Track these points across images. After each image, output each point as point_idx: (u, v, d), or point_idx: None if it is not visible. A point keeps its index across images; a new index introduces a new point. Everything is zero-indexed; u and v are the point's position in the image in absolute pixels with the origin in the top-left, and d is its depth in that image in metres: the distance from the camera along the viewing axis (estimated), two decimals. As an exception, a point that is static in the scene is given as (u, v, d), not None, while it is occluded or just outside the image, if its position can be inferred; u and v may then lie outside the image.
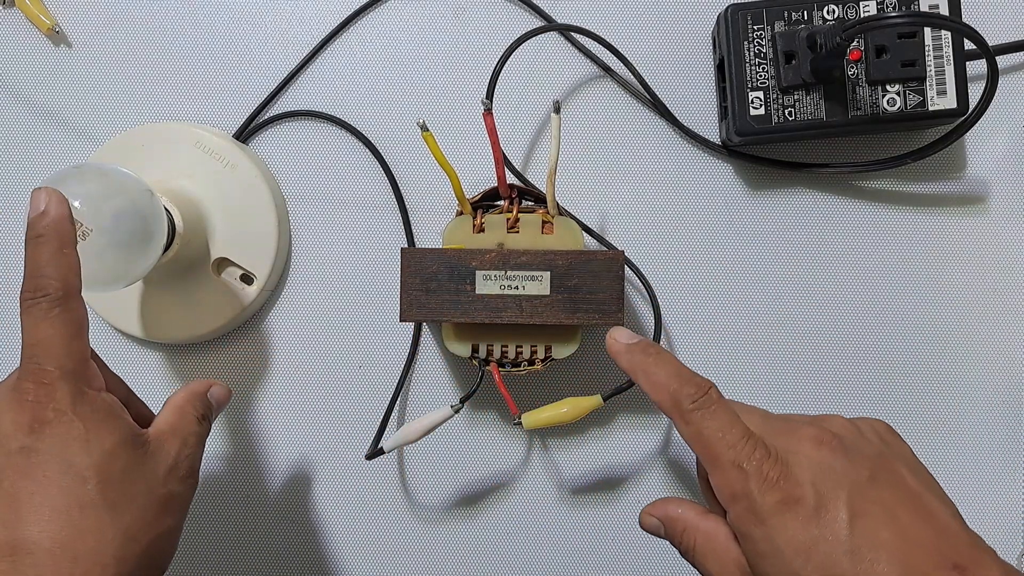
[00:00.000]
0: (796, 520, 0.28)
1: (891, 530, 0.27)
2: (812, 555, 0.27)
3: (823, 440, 0.29)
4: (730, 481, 0.29)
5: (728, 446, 0.30)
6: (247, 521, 0.44)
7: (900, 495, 0.28)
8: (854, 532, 0.27)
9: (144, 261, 0.35)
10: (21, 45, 0.45)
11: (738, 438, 0.30)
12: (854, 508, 0.28)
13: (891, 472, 0.29)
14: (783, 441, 0.29)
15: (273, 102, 0.44)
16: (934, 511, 0.28)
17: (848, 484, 0.28)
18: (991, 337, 0.42)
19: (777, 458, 0.29)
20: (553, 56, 0.44)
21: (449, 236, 0.38)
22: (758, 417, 0.31)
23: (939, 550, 0.27)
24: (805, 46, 0.39)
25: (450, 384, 0.43)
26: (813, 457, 0.29)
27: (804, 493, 0.28)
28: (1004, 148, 0.43)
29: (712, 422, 0.30)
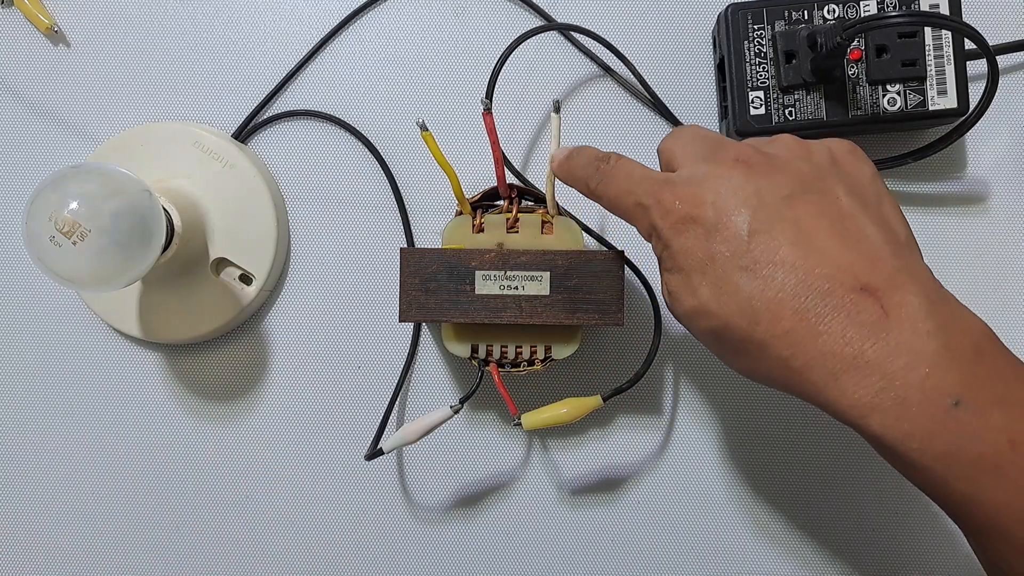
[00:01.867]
0: (693, 237, 0.27)
1: (797, 247, 0.26)
2: (707, 270, 0.27)
3: (741, 159, 0.28)
4: (640, 222, 0.29)
5: (630, 193, 0.30)
6: (247, 521, 0.43)
7: (823, 215, 0.27)
8: (752, 247, 0.26)
9: (143, 261, 0.34)
10: (20, 45, 0.44)
11: (637, 183, 0.30)
12: (757, 224, 0.26)
13: (821, 191, 0.28)
14: (703, 167, 0.28)
15: (272, 102, 0.44)
16: (862, 233, 0.27)
17: (756, 201, 0.27)
18: (991, 337, 0.42)
19: (682, 183, 0.28)
20: (553, 56, 0.44)
21: (448, 236, 0.38)
22: (696, 145, 0.30)
23: (850, 270, 0.26)
24: (805, 46, 0.39)
25: (449, 384, 0.43)
26: (723, 177, 0.28)
27: (703, 211, 0.27)
28: (1004, 148, 0.43)
29: (614, 182, 0.30)
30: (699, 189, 0.28)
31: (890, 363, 0.25)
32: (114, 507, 0.44)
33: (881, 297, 0.25)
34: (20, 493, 0.44)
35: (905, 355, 0.25)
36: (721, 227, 0.27)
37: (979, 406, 0.24)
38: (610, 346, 0.43)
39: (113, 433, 0.44)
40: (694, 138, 0.30)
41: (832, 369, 0.25)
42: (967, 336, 0.26)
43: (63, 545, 0.44)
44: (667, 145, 0.31)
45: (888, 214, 0.28)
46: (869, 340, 0.25)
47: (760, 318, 0.26)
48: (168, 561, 0.44)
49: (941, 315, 0.25)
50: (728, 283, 0.26)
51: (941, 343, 0.25)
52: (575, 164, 0.33)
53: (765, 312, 0.26)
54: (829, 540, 0.42)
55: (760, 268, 0.26)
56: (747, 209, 0.27)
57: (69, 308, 0.44)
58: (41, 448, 0.44)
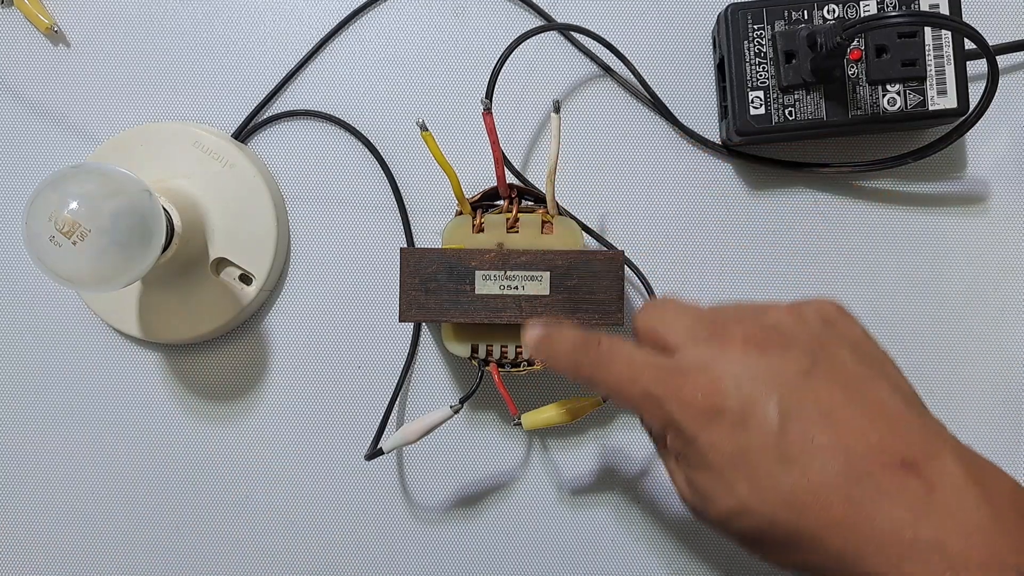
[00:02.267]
0: (722, 431, 0.25)
1: (828, 429, 0.25)
2: (742, 465, 0.25)
3: (751, 338, 0.26)
4: (651, 413, 0.27)
5: (633, 382, 0.27)
6: (247, 521, 0.43)
7: (839, 387, 0.26)
8: (785, 436, 0.25)
9: (143, 261, 0.34)
10: (19, 44, 0.44)
11: (640, 370, 0.27)
12: (785, 409, 0.25)
13: (830, 360, 0.26)
14: (708, 350, 0.27)
15: (272, 102, 0.44)
16: (880, 400, 0.26)
17: (778, 383, 0.25)
18: (991, 337, 0.42)
19: (696, 371, 0.26)
20: (553, 56, 0.44)
21: (448, 236, 0.38)
22: (687, 322, 0.28)
23: (885, 445, 0.25)
24: (805, 46, 0.39)
25: (449, 384, 0.43)
26: (739, 361, 0.26)
27: (728, 401, 0.25)
28: (1004, 148, 0.43)
29: (611, 369, 0.28)
30: (716, 377, 0.26)
31: (948, 542, 0.24)
32: (114, 507, 0.44)
33: (922, 471, 0.24)
34: (20, 493, 0.44)
35: (960, 532, 0.24)
36: (749, 416, 0.25)
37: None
38: (610, 346, 0.43)
39: (113, 433, 0.44)
40: (682, 315, 0.29)
41: (891, 557, 0.24)
42: (1007, 498, 0.25)
43: (63, 545, 0.44)
44: (650, 324, 0.29)
45: (892, 372, 0.28)
46: (922, 520, 0.24)
47: (807, 510, 0.25)
48: (168, 561, 0.44)
49: (979, 479, 0.25)
50: (768, 477, 0.25)
51: (989, 513, 0.24)
52: (558, 349, 0.30)
53: (812, 503, 0.24)
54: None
55: (799, 456, 0.25)
56: (773, 394, 0.25)
57: (69, 308, 0.44)
58: (41, 448, 0.44)
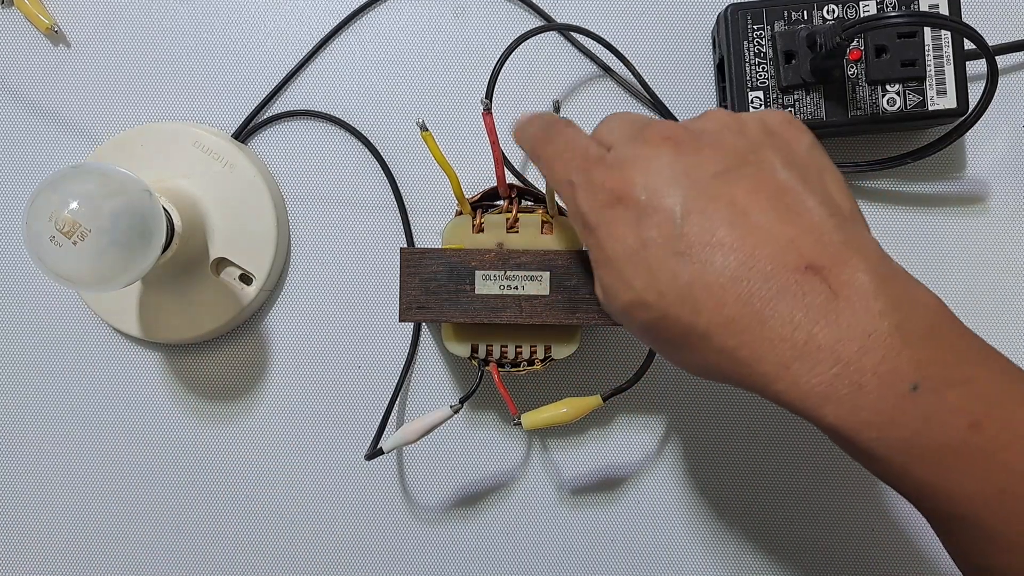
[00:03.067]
0: (623, 222, 0.25)
1: (734, 227, 0.24)
2: (640, 258, 0.25)
3: (670, 136, 0.26)
4: (568, 199, 0.28)
5: (562, 164, 0.28)
6: (247, 521, 0.43)
7: (759, 191, 0.25)
8: (686, 229, 0.24)
9: (143, 261, 0.34)
10: (20, 44, 0.44)
11: (572, 154, 0.28)
12: (690, 205, 0.25)
13: (756, 165, 0.26)
14: (630, 148, 0.27)
15: (272, 102, 0.44)
16: (803, 207, 0.25)
17: (688, 181, 0.25)
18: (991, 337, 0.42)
19: (612, 164, 0.26)
20: (553, 56, 0.44)
21: (448, 236, 0.38)
22: (625, 125, 0.28)
23: (794, 248, 0.24)
24: (805, 46, 0.39)
25: (449, 384, 0.43)
26: (652, 157, 0.26)
27: (632, 192, 0.25)
28: (1004, 148, 0.43)
29: (551, 145, 0.29)
30: (627, 169, 0.26)
31: (842, 347, 0.23)
32: (114, 507, 0.44)
33: (827, 276, 0.23)
34: (20, 493, 0.44)
35: (858, 338, 0.23)
36: (652, 210, 0.25)
37: (937, 388, 0.23)
38: (610, 346, 0.43)
39: (113, 433, 0.44)
40: (623, 120, 0.29)
41: (782, 357, 0.23)
42: (921, 314, 0.24)
43: (63, 545, 0.44)
44: (598, 130, 0.30)
45: (830, 185, 0.27)
46: (819, 323, 0.23)
47: (701, 306, 0.24)
48: (168, 561, 0.44)
49: (892, 292, 0.24)
50: (664, 271, 0.25)
51: (894, 323, 0.23)
52: (528, 129, 0.31)
53: (706, 299, 0.24)
54: (829, 538, 0.42)
55: (697, 252, 0.24)
56: (679, 189, 0.25)
57: (69, 308, 0.44)
58: (41, 448, 0.44)
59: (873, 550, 0.42)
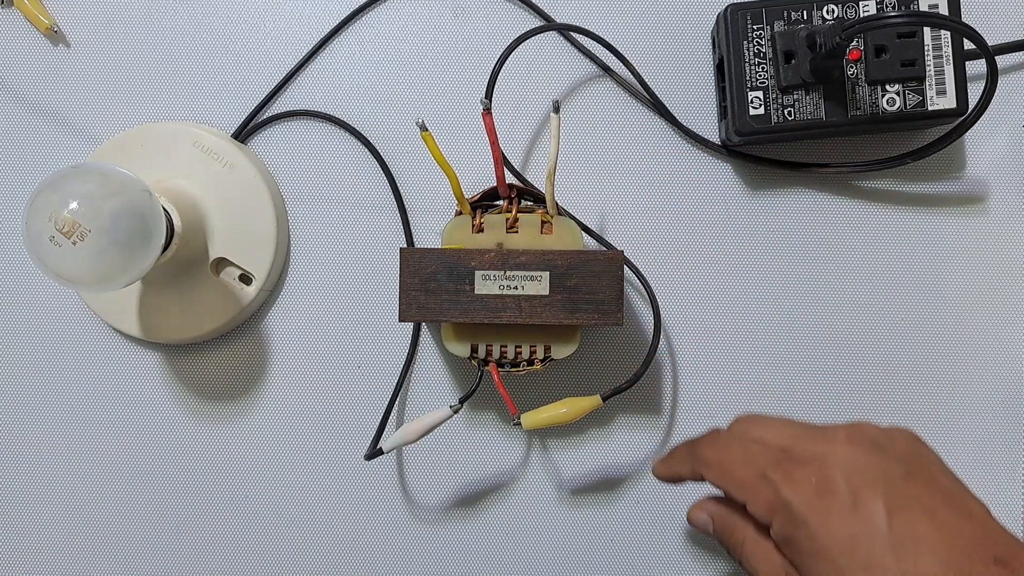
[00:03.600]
0: (834, 516, 0.28)
1: (930, 525, 0.27)
2: (855, 550, 0.27)
3: (855, 440, 0.29)
4: (762, 495, 0.30)
5: (748, 465, 0.30)
6: (246, 521, 0.43)
7: (935, 492, 0.29)
8: (893, 526, 0.27)
9: (143, 261, 0.34)
10: (20, 45, 0.44)
11: (756, 454, 0.30)
12: (891, 503, 0.28)
13: (926, 471, 0.29)
14: (814, 445, 0.30)
15: (272, 102, 0.44)
16: (971, 508, 0.29)
17: (883, 480, 0.28)
18: (991, 337, 0.42)
19: (807, 460, 0.29)
20: (553, 56, 0.44)
21: (448, 236, 0.38)
22: (789, 427, 0.31)
23: (979, 544, 0.27)
24: (804, 46, 0.39)
25: (449, 384, 0.43)
26: (845, 455, 0.29)
27: (838, 488, 0.28)
28: (1004, 148, 0.43)
29: (729, 451, 0.31)
30: (828, 465, 0.29)
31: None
32: (114, 506, 0.44)
33: (1012, 566, 0.27)
34: (20, 493, 0.44)
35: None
36: (859, 503, 0.28)
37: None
38: (610, 346, 0.43)
39: (113, 433, 0.44)
40: (780, 422, 0.32)
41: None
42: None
43: (63, 544, 0.44)
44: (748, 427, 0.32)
45: (967, 489, 0.30)
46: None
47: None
48: (168, 561, 0.44)
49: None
50: (880, 564, 0.27)
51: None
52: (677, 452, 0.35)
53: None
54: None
55: (907, 546, 0.27)
56: (879, 487, 0.28)
57: (69, 308, 0.44)
58: (41, 448, 0.44)
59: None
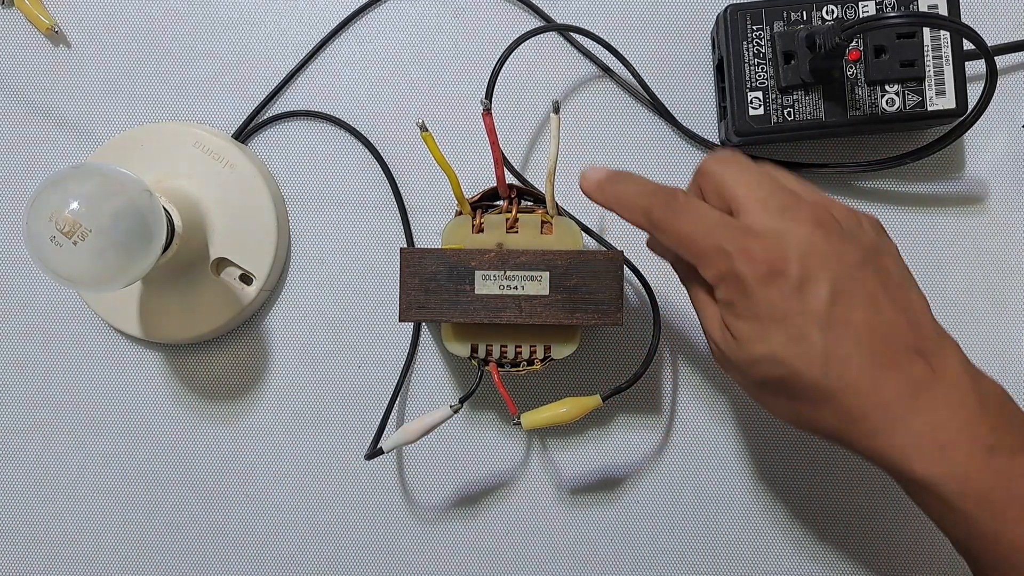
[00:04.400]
0: (777, 292, 0.29)
1: (866, 312, 0.29)
2: (788, 322, 0.29)
3: (820, 222, 0.30)
4: (716, 265, 0.30)
5: (706, 234, 0.30)
6: (247, 521, 0.44)
7: (883, 283, 0.30)
8: (832, 309, 0.29)
9: (143, 261, 0.34)
10: (20, 45, 0.44)
11: (715, 226, 0.30)
12: (837, 287, 0.29)
13: (879, 263, 0.31)
14: (779, 222, 0.30)
15: (272, 102, 0.44)
16: (911, 303, 0.30)
17: (836, 265, 0.29)
18: (990, 337, 0.42)
19: (768, 237, 0.29)
20: (552, 56, 0.44)
21: (448, 236, 0.38)
22: (761, 192, 0.31)
23: (906, 336, 0.29)
24: (804, 46, 0.39)
25: (449, 384, 0.43)
26: (805, 237, 0.29)
27: (789, 267, 0.29)
28: (1003, 148, 0.43)
29: (686, 219, 0.31)
30: (785, 245, 0.29)
31: (935, 414, 0.29)
32: (114, 506, 0.44)
33: (930, 359, 0.29)
34: (20, 493, 0.44)
35: (947, 408, 0.29)
36: (806, 285, 0.29)
37: (1009, 451, 0.28)
38: (610, 346, 0.43)
39: (113, 433, 0.44)
40: (765, 180, 0.31)
41: (887, 417, 0.29)
42: (993, 393, 0.30)
43: (63, 544, 0.44)
44: (716, 169, 0.32)
45: (917, 286, 0.32)
46: (921, 394, 0.29)
47: (830, 370, 0.29)
48: (168, 560, 0.44)
49: (973, 377, 0.30)
50: (803, 337, 0.29)
51: (977, 400, 0.29)
52: (627, 191, 0.33)
53: (836, 365, 0.29)
54: (828, 538, 0.42)
55: (837, 327, 0.29)
56: (830, 272, 0.29)
57: (69, 308, 0.44)
58: (41, 447, 0.44)
59: (872, 550, 0.42)
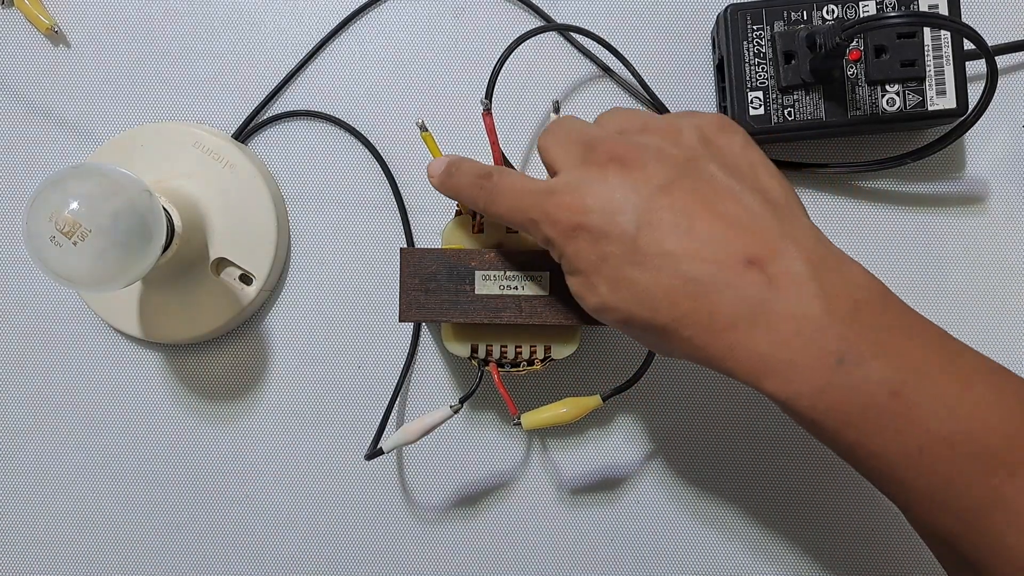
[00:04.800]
0: (584, 242, 0.29)
1: (680, 234, 0.28)
2: (602, 269, 0.29)
3: (615, 157, 0.29)
4: (536, 235, 0.31)
5: (518, 209, 0.31)
6: (247, 521, 0.44)
7: (699, 197, 0.28)
8: (638, 243, 0.28)
9: (143, 261, 0.34)
10: (20, 45, 0.44)
11: (522, 197, 0.31)
12: (640, 220, 0.28)
13: (696, 174, 0.29)
14: (577, 172, 0.30)
15: (272, 102, 0.44)
16: (741, 206, 0.28)
17: (636, 197, 0.28)
18: (991, 337, 0.42)
19: (566, 193, 0.29)
20: (553, 56, 0.44)
21: (448, 236, 0.38)
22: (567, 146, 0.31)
23: (733, 246, 0.27)
24: (804, 46, 0.39)
25: (449, 384, 0.43)
26: (599, 179, 0.29)
27: (589, 218, 0.29)
28: (1004, 148, 0.43)
29: (502, 199, 0.32)
30: (581, 197, 0.29)
31: (777, 329, 0.27)
32: (114, 507, 0.44)
33: (766, 267, 0.27)
34: (20, 493, 0.44)
35: (790, 320, 0.26)
36: (608, 229, 0.28)
37: (859, 361, 0.26)
38: (610, 346, 0.43)
39: (113, 433, 0.44)
40: (566, 138, 0.31)
41: (728, 341, 0.27)
42: (847, 294, 0.27)
43: (63, 545, 0.44)
44: (543, 143, 0.32)
45: (765, 181, 0.30)
46: (758, 310, 0.27)
47: (658, 306, 0.28)
48: (168, 560, 0.44)
49: (822, 277, 0.27)
50: (623, 279, 0.28)
51: (823, 306, 0.26)
52: (459, 183, 0.34)
53: (662, 300, 0.28)
54: (828, 537, 0.42)
55: (650, 260, 0.28)
56: (628, 207, 0.28)
57: (69, 308, 0.44)
58: (41, 448, 0.44)
59: (873, 550, 0.42)
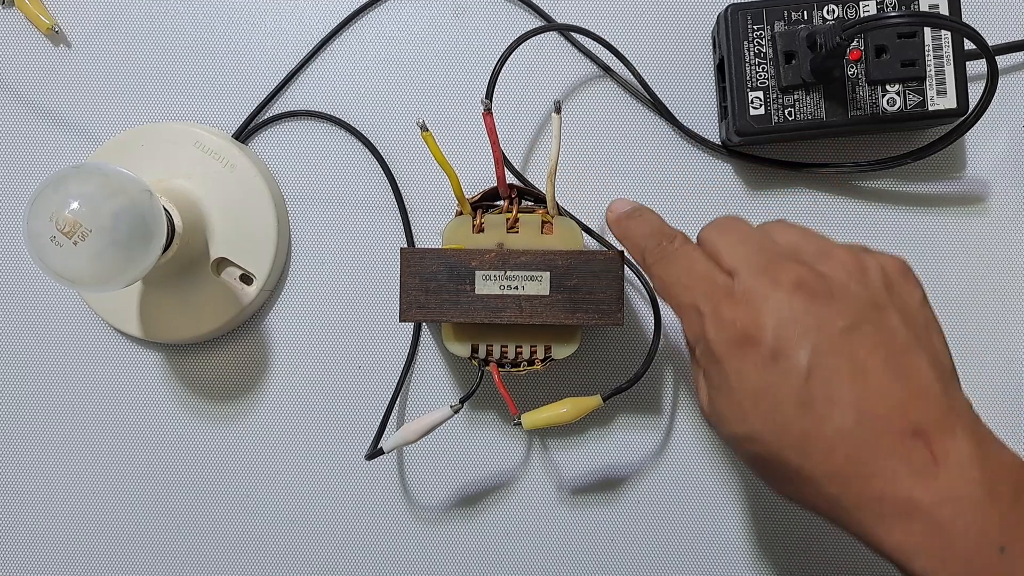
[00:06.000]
0: (750, 362, 0.27)
1: (854, 385, 0.26)
2: (760, 399, 0.27)
3: (803, 283, 0.27)
4: (691, 324, 0.29)
5: (686, 289, 0.29)
6: (247, 521, 0.44)
7: (879, 349, 0.26)
8: (810, 383, 0.26)
9: (143, 261, 0.34)
10: (20, 45, 0.44)
11: (696, 280, 0.29)
12: (817, 359, 0.26)
13: (879, 322, 0.27)
14: (758, 282, 0.28)
15: (272, 102, 0.44)
16: (916, 370, 0.26)
17: (817, 333, 0.26)
18: (991, 337, 0.42)
19: (741, 300, 0.28)
20: (553, 56, 0.44)
21: (449, 236, 0.38)
22: (746, 250, 0.29)
23: (903, 412, 0.26)
24: (805, 46, 0.39)
25: (450, 384, 0.43)
26: (784, 301, 0.27)
27: (762, 336, 0.27)
28: (1004, 148, 0.43)
29: (671, 268, 0.30)
30: (759, 311, 0.27)
31: (938, 509, 0.25)
32: (114, 507, 0.44)
33: (932, 442, 0.25)
34: (20, 493, 0.44)
35: (953, 502, 0.25)
36: (780, 357, 0.26)
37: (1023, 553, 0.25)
38: (610, 346, 0.43)
39: (113, 433, 0.44)
40: (743, 239, 0.30)
41: (881, 511, 0.25)
42: (1009, 478, 0.26)
43: (64, 545, 0.44)
44: (711, 236, 0.31)
45: (936, 344, 0.28)
46: (919, 486, 0.25)
47: (812, 455, 0.26)
48: (168, 561, 0.44)
49: (985, 459, 0.26)
50: (783, 416, 0.26)
51: (986, 490, 0.25)
52: (635, 229, 0.33)
53: (818, 450, 0.26)
54: (829, 537, 0.42)
55: (817, 405, 0.26)
56: (807, 342, 0.26)
57: (69, 308, 0.44)
58: (41, 448, 0.44)
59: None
